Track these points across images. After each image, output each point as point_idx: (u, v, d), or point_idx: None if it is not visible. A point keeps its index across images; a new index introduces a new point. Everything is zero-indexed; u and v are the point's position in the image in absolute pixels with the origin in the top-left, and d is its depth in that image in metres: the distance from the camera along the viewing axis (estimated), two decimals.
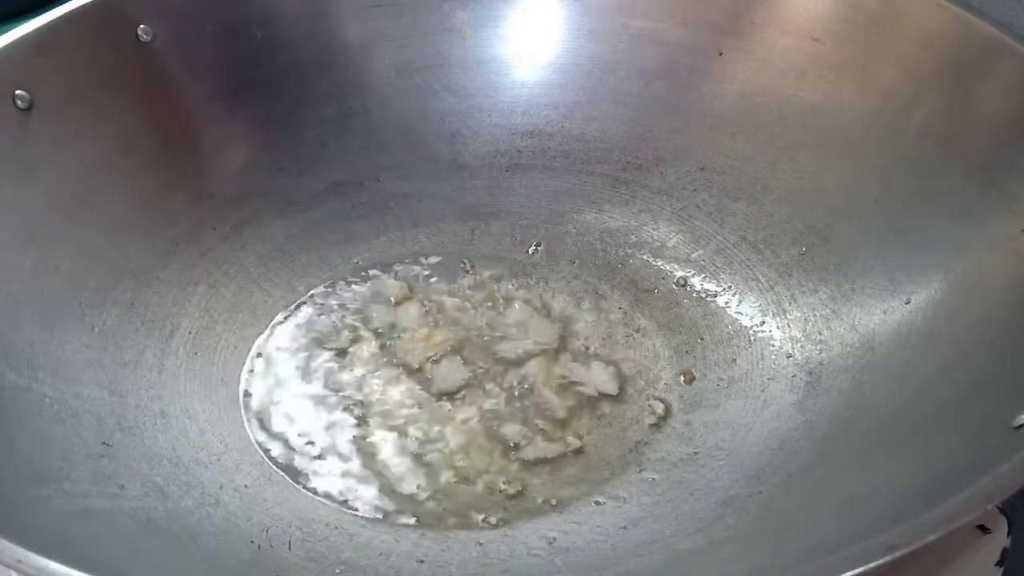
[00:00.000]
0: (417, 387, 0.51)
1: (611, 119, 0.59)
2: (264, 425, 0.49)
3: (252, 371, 0.52)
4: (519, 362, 0.52)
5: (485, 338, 0.53)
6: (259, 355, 0.53)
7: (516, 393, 0.50)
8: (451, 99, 0.61)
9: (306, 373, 0.52)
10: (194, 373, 0.50)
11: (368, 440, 0.49)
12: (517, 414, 0.49)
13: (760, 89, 0.56)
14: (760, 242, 0.55)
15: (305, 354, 0.53)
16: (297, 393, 0.51)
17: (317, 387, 0.51)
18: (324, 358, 0.53)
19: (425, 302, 0.55)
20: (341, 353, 0.53)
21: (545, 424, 0.49)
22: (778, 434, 0.46)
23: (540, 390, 0.51)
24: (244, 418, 0.49)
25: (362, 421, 0.49)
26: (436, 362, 0.52)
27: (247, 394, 0.51)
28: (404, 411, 0.50)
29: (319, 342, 0.53)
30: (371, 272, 0.57)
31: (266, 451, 0.48)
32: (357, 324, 0.54)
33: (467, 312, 0.55)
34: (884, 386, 0.45)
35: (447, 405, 0.50)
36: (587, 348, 0.53)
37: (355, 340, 0.53)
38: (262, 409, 0.50)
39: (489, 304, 0.55)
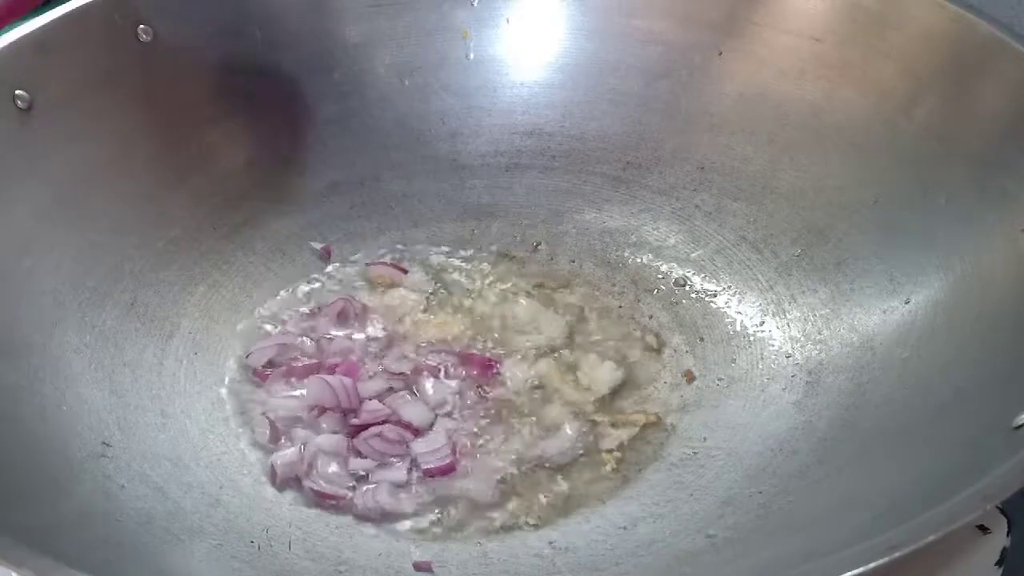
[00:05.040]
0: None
1: (611, 119, 0.60)
2: None
3: (253, 371, 0.51)
4: (532, 359, 0.52)
5: (506, 324, 0.54)
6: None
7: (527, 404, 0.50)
8: (451, 99, 0.61)
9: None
10: (194, 373, 0.50)
11: None
12: (526, 419, 0.50)
13: (760, 89, 0.56)
14: (760, 242, 0.55)
15: None
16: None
17: None
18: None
19: (433, 299, 0.55)
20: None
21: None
22: (778, 434, 0.46)
23: (555, 389, 0.51)
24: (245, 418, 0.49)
25: None
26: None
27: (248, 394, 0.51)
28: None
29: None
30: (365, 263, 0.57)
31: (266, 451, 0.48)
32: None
33: (473, 307, 0.55)
34: (884, 386, 0.45)
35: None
36: (587, 348, 0.53)
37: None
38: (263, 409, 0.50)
39: (493, 301, 0.55)
